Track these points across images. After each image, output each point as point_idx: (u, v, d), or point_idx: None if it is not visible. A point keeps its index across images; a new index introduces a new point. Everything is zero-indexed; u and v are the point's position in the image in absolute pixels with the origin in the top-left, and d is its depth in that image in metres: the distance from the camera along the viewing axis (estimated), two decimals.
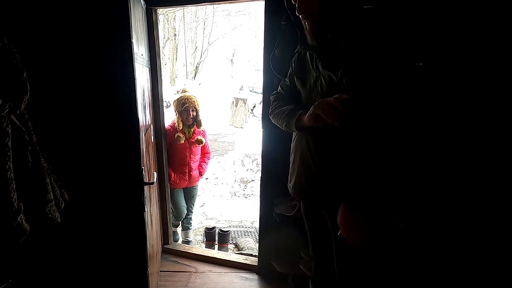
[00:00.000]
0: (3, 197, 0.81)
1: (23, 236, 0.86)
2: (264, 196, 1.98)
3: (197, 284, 2.00)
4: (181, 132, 2.32)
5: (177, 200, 2.51)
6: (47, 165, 0.95)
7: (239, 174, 4.92)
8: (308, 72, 1.14)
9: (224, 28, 13.52)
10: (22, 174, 0.87)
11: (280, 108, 1.23)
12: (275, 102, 1.30)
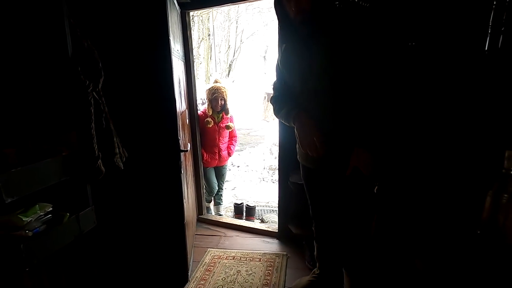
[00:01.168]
0: (89, 147, 1.21)
1: (101, 175, 1.26)
2: (282, 170, 2.26)
3: (225, 245, 2.35)
4: (211, 117, 2.70)
5: (209, 177, 2.89)
6: (114, 129, 1.34)
7: (268, 162, 5.23)
8: (297, 63, 1.33)
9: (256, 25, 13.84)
10: (99, 133, 1.26)
11: (279, 112, 1.44)
12: (274, 105, 1.49)
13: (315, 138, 1.23)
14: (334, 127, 1.27)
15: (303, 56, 1.28)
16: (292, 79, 1.36)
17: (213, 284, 1.87)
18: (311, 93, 1.29)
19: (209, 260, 2.13)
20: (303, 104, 1.33)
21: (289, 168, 2.14)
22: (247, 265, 2.06)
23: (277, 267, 2.04)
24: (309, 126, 1.26)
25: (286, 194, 2.25)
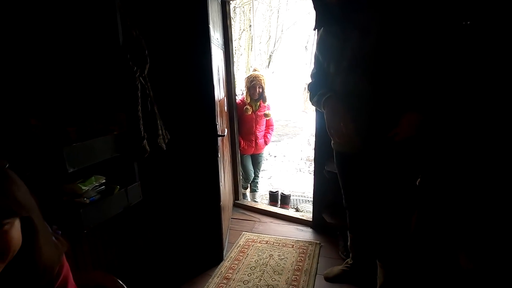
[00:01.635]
0: (136, 127, 1.33)
1: (146, 154, 1.37)
2: (317, 159, 2.23)
3: (260, 230, 2.41)
4: (249, 105, 2.75)
5: (246, 164, 2.97)
6: (157, 112, 1.45)
7: (305, 153, 5.17)
8: (332, 45, 1.30)
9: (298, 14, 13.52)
10: (145, 115, 1.38)
11: (313, 98, 1.43)
12: (310, 91, 1.48)
13: (343, 123, 1.20)
14: (370, 111, 1.23)
15: (337, 37, 1.25)
16: (327, 63, 1.34)
17: (247, 264, 1.95)
18: (345, 76, 1.26)
19: (243, 243, 2.21)
20: (336, 88, 1.30)
21: (325, 157, 2.11)
22: (279, 250, 2.10)
23: (310, 254, 2.04)
24: (338, 111, 1.23)
25: (322, 184, 2.23)
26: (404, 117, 1.18)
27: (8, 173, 0.56)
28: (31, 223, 0.58)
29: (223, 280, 1.81)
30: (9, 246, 0.54)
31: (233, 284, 1.77)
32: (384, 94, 1.21)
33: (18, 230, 0.56)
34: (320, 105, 1.36)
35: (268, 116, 2.88)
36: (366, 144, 1.31)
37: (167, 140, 1.52)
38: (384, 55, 1.16)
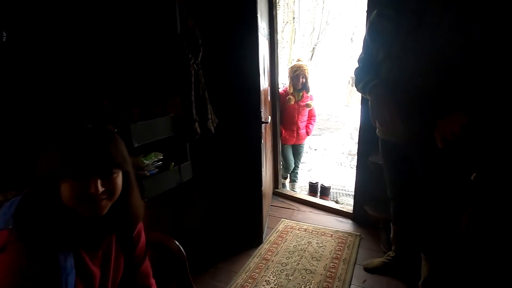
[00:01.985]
0: (188, 111, 1.45)
1: (197, 135, 1.49)
2: (361, 149, 2.19)
3: (298, 218, 2.45)
4: (292, 95, 2.77)
5: (286, 154, 3.01)
6: (208, 97, 1.56)
7: (347, 147, 5.03)
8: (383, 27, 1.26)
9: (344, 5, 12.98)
10: (197, 100, 1.49)
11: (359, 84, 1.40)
12: (355, 77, 1.44)
13: (388, 110, 1.18)
14: (417, 100, 1.19)
15: (389, 19, 1.22)
16: (376, 48, 1.31)
17: (285, 248, 2.01)
18: (394, 62, 1.22)
19: (282, 229, 2.27)
20: (384, 75, 1.28)
21: (369, 149, 2.07)
22: (318, 238, 2.12)
23: (349, 245, 2.03)
24: (383, 98, 1.21)
25: (364, 175, 2.19)
26: (446, 116, 1.12)
27: (117, 136, 0.69)
28: (128, 177, 0.72)
29: (262, 260, 1.89)
30: (116, 189, 0.68)
31: (271, 265, 1.84)
32: (434, 85, 1.16)
33: (121, 180, 0.69)
34: (365, 91, 1.34)
35: (310, 107, 2.87)
36: (411, 134, 1.27)
37: (215, 124, 1.62)
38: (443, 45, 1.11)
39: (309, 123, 2.96)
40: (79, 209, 0.64)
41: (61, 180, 0.62)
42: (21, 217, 0.63)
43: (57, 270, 0.63)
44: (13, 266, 0.58)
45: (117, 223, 0.74)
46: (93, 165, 0.63)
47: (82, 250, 0.70)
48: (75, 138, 0.64)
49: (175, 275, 0.98)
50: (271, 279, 1.72)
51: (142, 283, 0.91)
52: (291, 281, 1.70)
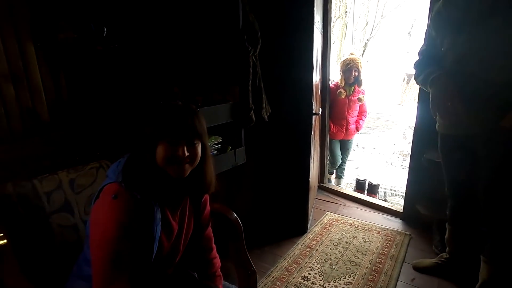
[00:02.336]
0: (245, 99, 1.56)
1: (252, 123, 1.60)
2: (415, 147, 2.10)
3: (344, 213, 2.44)
4: (343, 89, 2.74)
5: (334, 149, 2.99)
6: (263, 87, 1.66)
7: (399, 147, 4.77)
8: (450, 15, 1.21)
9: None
10: (253, 90, 1.60)
11: (419, 77, 1.37)
12: (416, 70, 1.40)
13: (451, 102, 1.13)
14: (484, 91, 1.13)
15: (457, 6, 1.17)
16: (441, 37, 1.27)
17: (329, 240, 2.03)
18: (461, 50, 1.17)
19: (327, 221, 2.29)
20: (447, 66, 1.23)
21: (424, 146, 1.98)
22: (364, 233, 2.10)
23: (397, 243, 1.98)
24: (447, 89, 1.17)
25: (418, 173, 2.10)
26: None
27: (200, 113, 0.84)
28: (205, 149, 0.85)
29: (306, 248, 1.95)
30: (196, 156, 0.81)
31: (315, 254, 1.89)
32: (504, 77, 1.09)
33: (200, 150, 0.83)
34: (426, 84, 1.31)
35: (362, 101, 2.81)
36: (476, 127, 1.21)
37: (269, 113, 1.71)
38: None
39: (359, 118, 2.90)
40: (168, 170, 0.79)
41: (158, 143, 0.78)
42: (127, 173, 0.79)
43: (152, 219, 0.79)
44: (124, 209, 0.75)
45: (194, 186, 0.88)
46: (183, 133, 0.78)
47: (166, 207, 0.85)
48: (171, 112, 0.80)
49: (232, 243, 1.10)
50: (315, 266, 1.77)
51: (206, 245, 1.05)
52: (335, 270, 1.73)
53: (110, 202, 0.75)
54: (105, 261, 0.73)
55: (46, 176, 1.04)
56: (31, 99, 1.03)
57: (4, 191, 0.96)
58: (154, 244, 0.81)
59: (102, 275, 0.73)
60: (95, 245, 0.75)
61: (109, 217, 0.74)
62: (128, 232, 0.74)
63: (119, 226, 0.73)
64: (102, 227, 0.74)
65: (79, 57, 1.11)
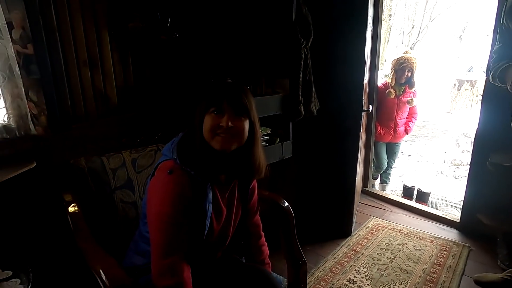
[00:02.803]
0: (295, 92, 1.55)
1: (300, 116, 1.58)
2: (476, 151, 1.92)
3: (390, 219, 2.29)
4: (392, 89, 2.60)
5: (379, 152, 2.84)
6: (313, 81, 1.63)
7: (450, 155, 4.40)
8: None
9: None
10: (303, 83, 1.58)
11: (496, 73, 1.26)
12: (492, 67, 1.30)
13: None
14: None
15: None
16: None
17: (376, 244, 1.92)
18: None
19: (372, 226, 2.17)
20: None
21: (489, 149, 1.79)
22: (415, 241, 1.95)
23: (454, 254, 1.81)
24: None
25: (479, 179, 1.91)
26: None
27: (249, 91, 0.84)
28: (253, 129, 0.84)
29: (351, 251, 1.86)
30: (242, 132, 0.81)
31: (361, 257, 1.79)
32: None
33: (247, 128, 0.82)
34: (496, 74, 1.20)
35: (412, 104, 2.64)
36: None
37: (317, 108, 1.68)
38: None
39: (409, 120, 2.73)
40: (213, 143, 0.79)
41: (205, 114, 0.79)
42: (180, 149, 0.81)
43: (204, 196, 0.80)
44: (179, 183, 0.77)
45: (242, 168, 0.87)
46: (229, 102, 0.78)
47: (216, 187, 0.85)
48: (219, 86, 0.82)
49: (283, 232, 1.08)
50: (361, 270, 1.68)
51: (254, 232, 1.04)
52: (383, 276, 1.62)
53: (166, 177, 0.78)
54: (162, 234, 0.75)
55: (112, 155, 1.12)
56: (103, 83, 1.12)
57: (78, 164, 1.04)
58: (206, 221, 0.82)
59: (160, 248, 0.75)
60: (153, 219, 0.78)
61: (165, 192, 0.77)
62: (183, 206, 0.76)
63: (175, 200, 0.75)
64: (159, 202, 0.77)
65: (145, 45, 1.18)
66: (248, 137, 0.83)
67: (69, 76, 1.02)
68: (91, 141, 1.06)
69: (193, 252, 0.80)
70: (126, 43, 1.13)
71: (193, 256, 0.80)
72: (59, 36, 0.99)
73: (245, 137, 0.82)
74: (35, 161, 0.93)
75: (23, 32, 0.92)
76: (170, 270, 0.74)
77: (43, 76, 0.96)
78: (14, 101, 0.90)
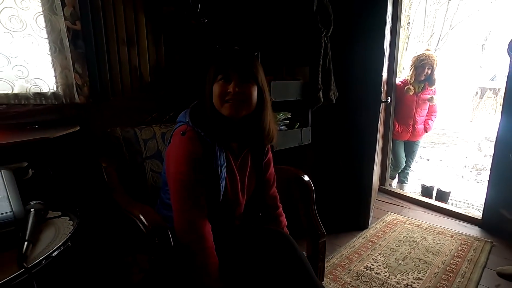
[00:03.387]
0: (315, 79, 1.60)
1: (319, 103, 1.62)
2: (500, 143, 1.89)
3: (409, 215, 2.26)
4: (412, 86, 2.60)
5: (397, 150, 2.82)
6: (332, 69, 1.68)
7: (472, 160, 4.27)
8: None
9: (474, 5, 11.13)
10: (323, 71, 1.63)
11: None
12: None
13: None
14: None
15: None
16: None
17: (394, 237, 1.90)
18: None
19: (390, 220, 2.15)
20: None
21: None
22: (434, 236, 1.92)
23: (476, 248, 1.77)
24: None
25: (503, 173, 1.87)
26: None
27: (256, 58, 0.88)
28: (262, 94, 0.87)
29: (368, 242, 1.85)
30: (250, 97, 0.84)
31: (378, 248, 1.78)
32: None
33: (255, 94, 0.85)
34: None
35: (432, 102, 2.62)
36: None
37: (336, 96, 1.72)
38: None
39: (428, 118, 2.70)
40: (222, 110, 0.83)
41: (214, 82, 0.83)
42: (192, 114, 0.87)
43: (214, 156, 0.85)
44: (190, 143, 0.83)
45: (252, 134, 0.90)
46: (234, 68, 0.81)
47: (229, 152, 0.90)
48: (227, 53, 0.85)
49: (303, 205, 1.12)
50: (379, 259, 1.67)
51: (272, 203, 1.08)
52: (401, 265, 1.61)
53: (179, 139, 0.84)
54: (181, 193, 0.81)
55: (144, 127, 1.21)
56: (138, 61, 1.22)
57: (115, 133, 1.13)
58: (221, 183, 0.86)
59: (180, 206, 0.81)
60: (171, 177, 0.83)
61: (179, 152, 0.83)
62: (197, 164, 0.81)
63: (188, 158, 0.81)
64: (174, 163, 0.83)
65: (176, 28, 1.28)
66: (257, 103, 0.86)
67: (109, 52, 1.13)
68: (126, 113, 1.14)
69: (212, 213, 0.84)
70: (160, 25, 1.22)
71: (212, 218, 0.84)
72: (102, 15, 1.10)
73: (253, 103, 0.85)
74: (79, 126, 1.03)
75: (73, 10, 1.03)
76: (191, 226, 0.80)
77: (87, 50, 1.06)
78: (62, 71, 1.00)
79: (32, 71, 0.97)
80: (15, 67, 0.93)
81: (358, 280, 1.49)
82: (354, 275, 1.53)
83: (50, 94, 1.00)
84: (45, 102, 0.99)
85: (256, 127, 0.89)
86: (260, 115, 0.88)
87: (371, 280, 1.49)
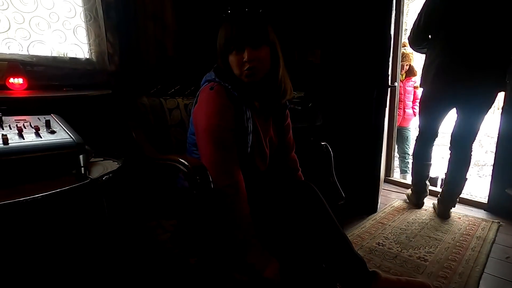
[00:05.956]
0: (327, 61, 1.67)
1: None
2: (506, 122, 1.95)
3: None
4: None
5: None
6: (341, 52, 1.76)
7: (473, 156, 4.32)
8: None
9: None
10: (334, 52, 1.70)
11: None
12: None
13: None
14: None
15: None
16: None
17: (403, 219, 1.94)
18: None
19: (398, 205, 2.19)
20: None
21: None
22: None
23: (483, 227, 1.81)
24: None
25: (508, 153, 1.92)
26: None
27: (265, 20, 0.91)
28: (276, 52, 0.92)
29: (378, 223, 1.89)
30: (264, 60, 0.89)
31: (388, 228, 1.82)
32: None
33: (268, 54, 0.90)
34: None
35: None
36: None
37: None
38: None
39: (415, 104, 2.82)
40: (242, 77, 0.89)
41: (229, 55, 0.88)
42: (217, 72, 0.92)
43: (241, 109, 0.90)
44: (220, 96, 0.87)
45: (269, 91, 0.95)
46: (246, 36, 0.85)
47: (254, 114, 0.94)
48: (237, 17, 0.88)
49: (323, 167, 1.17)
50: (390, 237, 1.71)
51: (292, 166, 1.13)
52: (412, 241, 1.65)
53: (208, 94, 0.88)
54: (214, 144, 0.83)
55: (168, 98, 1.26)
56: (162, 36, 1.28)
57: (141, 101, 1.18)
58: (248, 136, 0.90)
59: (214, 156, 0.83)
60: (202, 132, 0.86)
61: (209, 105, 0.86)
62: (228, 115, 0.86)
63: (220, 110, 0.85)
64: (205, 115, 0.86)
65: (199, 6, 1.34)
66: (272, 62, 0.90)
67: (138, 25, 1.19)
68: (152, 83, 1.20)
69: (241, 165, 0.88)
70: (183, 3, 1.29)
71: (242, 169, 0.88)
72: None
73: (268, 64, 0.90)
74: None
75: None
76: (227, 172, 0.84)
77: (119, 21, 1.12)
78: (96, 39, 1.06)
79: (69, 37, 1.03)
80: (54, 32, 0.99)
81: (372, 254, 1.53)
82: (367, 249, 1.57)
83: (84, 60, 1.06)
84: (80, 67, 1.05)
85: (273, 85, 0.94)
86: (275, 74, 0.93)
87: (384, 254, 1.53)
